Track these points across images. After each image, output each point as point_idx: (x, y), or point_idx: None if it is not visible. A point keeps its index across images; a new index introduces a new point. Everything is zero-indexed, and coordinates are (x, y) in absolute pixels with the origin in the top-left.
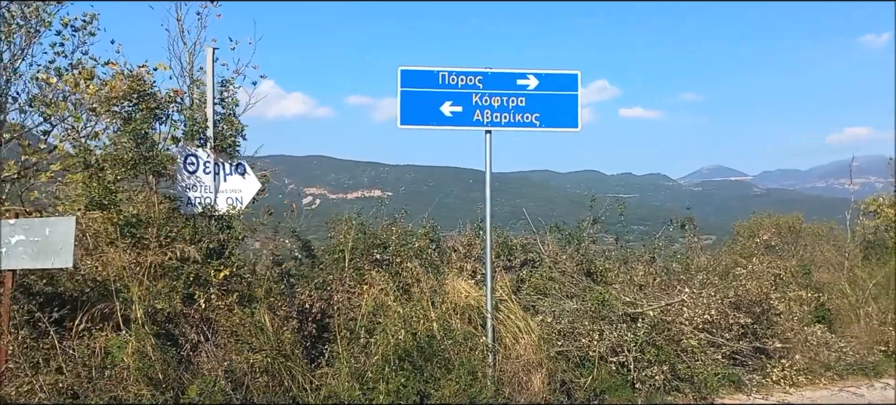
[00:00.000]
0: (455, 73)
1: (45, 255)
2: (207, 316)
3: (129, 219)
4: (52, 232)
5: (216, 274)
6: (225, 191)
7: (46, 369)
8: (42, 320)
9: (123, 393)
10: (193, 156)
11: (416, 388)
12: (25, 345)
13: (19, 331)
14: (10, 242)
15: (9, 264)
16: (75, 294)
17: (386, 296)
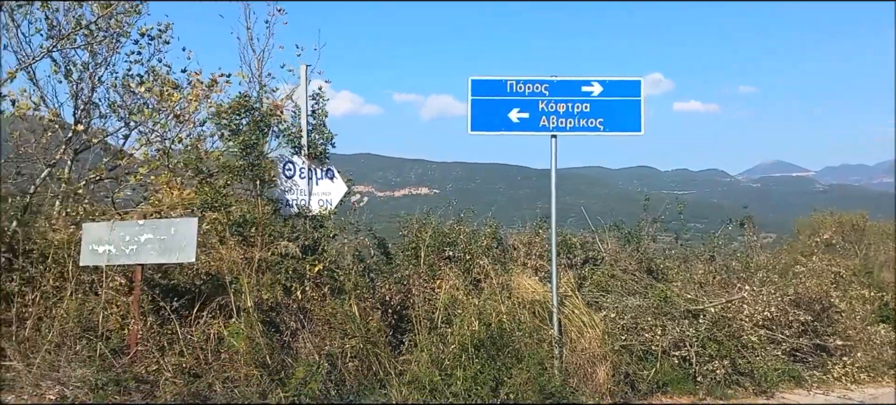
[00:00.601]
0: (522, 82)
1: (171, 251)
2: (304, 306)
3: (238, 219)
4: (176, 231)
5: (311, 268)
6: (317, 193)
7: (170, 351)
8: (165, 309)
9: (235, 373)
10: (291, 162)
11: (490, 375)
12: (152, 331)
13: (147, 319)
14: (140, 240)
15: (139, 259)
16: (189, 286)
17: (457, 291)
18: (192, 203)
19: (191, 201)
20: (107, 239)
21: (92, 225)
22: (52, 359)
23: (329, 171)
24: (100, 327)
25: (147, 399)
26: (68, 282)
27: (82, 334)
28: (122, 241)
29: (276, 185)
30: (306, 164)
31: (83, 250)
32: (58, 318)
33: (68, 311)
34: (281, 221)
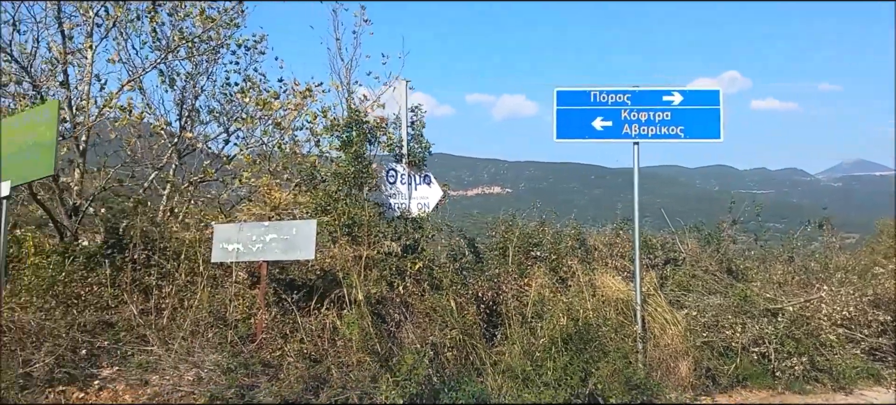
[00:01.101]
0: (605, 92)
1: (292, 250)
2: (406, 300)
3: (347, 221)
4: (297, 232)
5: (412, 265)
6: (416, 198)
7: (292, 339)
8: (286, 301)
9: (349, 359)
10: (393, 169)
11: (579, 367)
12: (276, 320)
13: (271, 310)
14: (265, 240)
15: (264, 256)
16: (304, 281)
17: (544, 289)
18: (307, 206)
19: (306, 204)
20: (235, 238)
21: (222, 226)
22: (188, 345)
23: (426, 177)
24: (228, 317)
25: (272, 382)
26: (199, 276)
27: (213, 323)
28: (249, 240)
29: (381, 190)
30: (406, 171)
31: (214, 248)
32: (191, 309)
33: (201, 303)
34: (385, 223)
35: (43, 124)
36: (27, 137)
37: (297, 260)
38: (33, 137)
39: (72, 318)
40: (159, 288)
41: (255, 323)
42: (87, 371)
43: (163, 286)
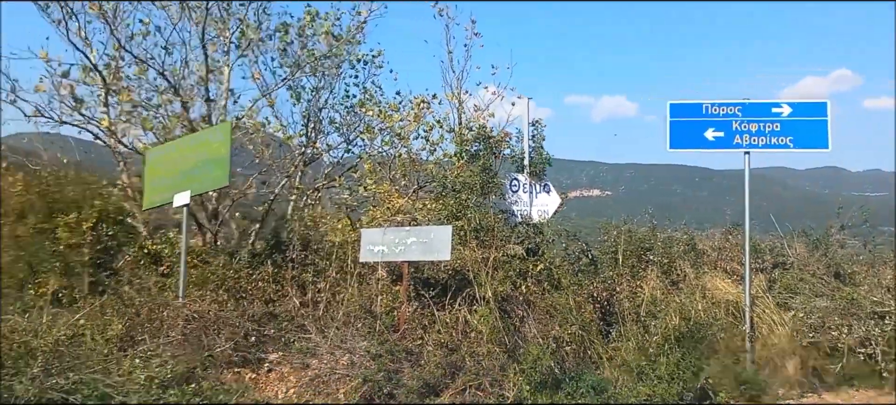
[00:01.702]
0: (717, 105)
1: (431, 252)
2: (528, 298)
3: (476, 226)
4: (435, 236)
5: (534, 267)
6: (536, 205)
7: (431, 330)
8: (424, 296)
9: (480, 349)
10: (516, 179)
11: (690, 363)
12: (416, 313)
13: (412, 304)
14: (407, 243)
15: (405, 257)
16: (437, 279)
17: (655, 291)
18: (440, 212)
19: (438, 211)
20: (380, 241)
21: (369, 230)
22: (341, 334)
23: (546, 185)
24: (375, 309)
25: (414, 367)
26: (348, 274)
27: (361, 315)
28: (392, 243)
29: (505, 199)
30: (528, 181)
31: (362, 250)
32: (343, 302)
33: (351, 297)
34: (509, 228)
35: (217, 143)
36: (202, 154)
37: (433, 260)
38: (208, 154)
39: (242, 310)
40: (314, 284)
41: (399, 315)
42: (257, 355)
43: (317, 282)
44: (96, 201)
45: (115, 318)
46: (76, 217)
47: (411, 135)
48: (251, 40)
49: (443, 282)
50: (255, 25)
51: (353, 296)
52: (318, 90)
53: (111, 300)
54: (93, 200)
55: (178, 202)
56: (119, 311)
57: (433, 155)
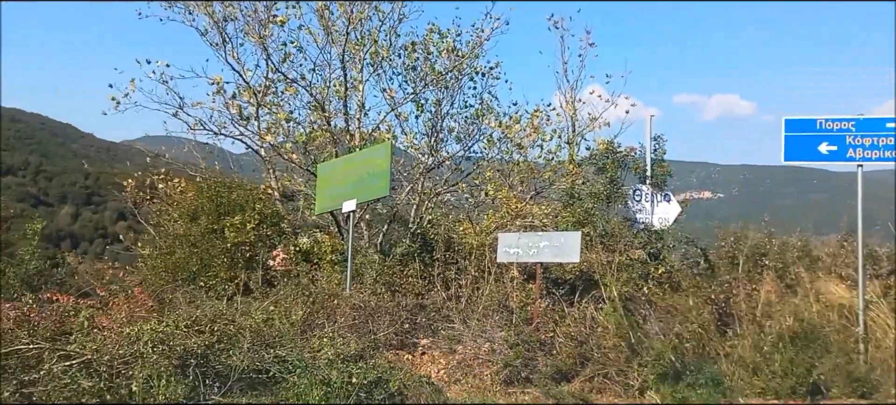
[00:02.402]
0: (831, 120)
1: (561, 254)
2: (650, 299)
3: (602, 232)
4: (565, 241)
5: (655, 270)
6: (657, 213)
7: (561, 324)
8: (555, 294)
9: (606, 343)
10: (639, 189)
11: (803, 360)
12: (548, 308)
13: (544, 300)
14: (539, 246)
15: (538, 259)
16: (564, 279)
17: (770, 294)
18: (568, 219)
19: (565, 218)
20: (515, 244)
21: (505, 234)
22: (482, 324)
23: (667, 195)
24: (510, 304)
25: (547, 355)
26: (486, 272)
27: (498, 309)
28: (526, 246)
29: (628, 207)
30: (650, 191)
31: (499, 251)
32: (482, 297)
33: (490, 292)
34: (632, 234)
35: (379, 158)
36: (366, 168)
37: (562, 262)
38: (371, 168)
39: (397, 301)
40: (456, 280)
41: (532, 310)
42: (411, 340)
43: (459, 279)
44: (256, 205)
45: (297, 306)
46: (241, 218)
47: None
48: (382, 58)
49: (571, 281)
50: (386, 45)
51: (491, 292)
52: (440, 102)
53: (290, 290)
54: (254, 204)
55: (346, 208)
56: (300, 300)
57: (549, 163)
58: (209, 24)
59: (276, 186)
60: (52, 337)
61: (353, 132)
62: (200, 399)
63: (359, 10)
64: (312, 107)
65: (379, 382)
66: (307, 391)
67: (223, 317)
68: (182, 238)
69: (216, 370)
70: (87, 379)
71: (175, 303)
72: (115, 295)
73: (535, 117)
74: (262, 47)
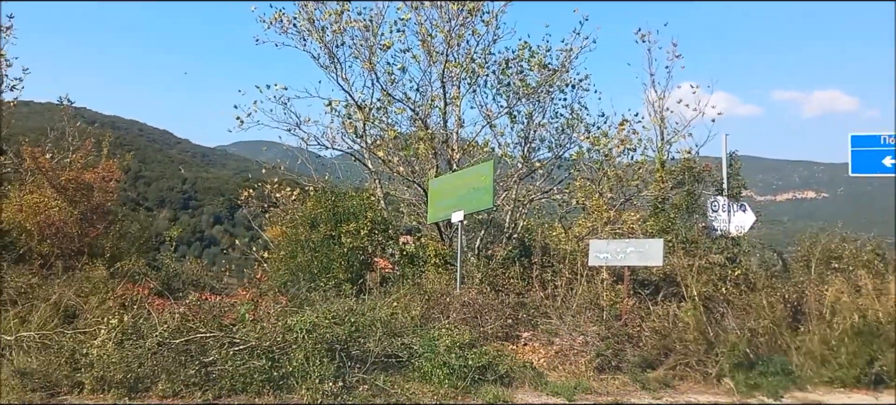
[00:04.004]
0: (893, 136)
1: (646, 259)
2: (727, 298)
3: (683, 239)
4: (649, 246)
5: (732, 272)
6: (734, 222)
7: (647, 320)
8: (640, 293)
9: (686, 336)
10: (715, 200)
11: (867, 353)
12: (634, 306)
13: (631, 299)
14: (627, 251)
15: (625, 263)
16: (649, 280)
17: (841, 294)
18: (652, 227)
19: (652, 226)
20: (605, 249)
21: (595, 241)
22: (576, 320)
23: (742, 205)
24: (600, 303)
25: (635, 347)
26: (578, 274)
27: (590, 306)
28: (614, 251)
29: (706, 216)
30: (726, 202)
31: (590, 256)
32: (576, 296)
33: (582, 292)
34: (710, 240)
35: (484, 175)
36: (472, 183)
37: (647, 266)
38: (477, 183)
39: (500, 299)
40: (552, 281)
41: (621, 307)
42: (514, 333)
43: (555, 280)
44: (368, 213)
45: (415, 303)
46: (355, 225)
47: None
48: (478, 76)
49: (655, 282)
50: (481, 62)
51: (583, 291)
52: (531, 114)
53: (408, 289)
54: (366, 212)
55: (455, 219)
56: (418, 298)
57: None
58: (320, 49)
59: (382, 194)
60: (219, 327)
61: (452, 145)
62: (346, 377)
63: (457, 33)
64: (415, 122)
65: (490, 366)
66: (432, 371)
67: (354, 311)
68: (303, 243)
69: (354, 355)
70: (255, 360)
71: (311, 300)
72: (264, 293)
73: (622, 129)
74: (371, 69)
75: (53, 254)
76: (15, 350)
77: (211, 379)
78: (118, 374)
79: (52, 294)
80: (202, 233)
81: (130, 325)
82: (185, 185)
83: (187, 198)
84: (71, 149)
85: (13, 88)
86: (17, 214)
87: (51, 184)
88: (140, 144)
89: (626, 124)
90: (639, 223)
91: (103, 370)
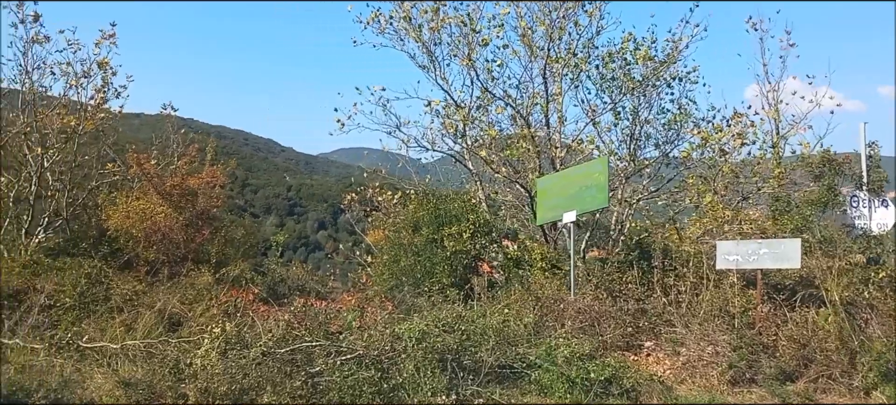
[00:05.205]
0: None
1: (781, 260)
2: (871, 303)
3: (820, 238)
4: (784, 247)
5: (875, 274)
6: (875, 219)
7: (783, 327)
8: (775, 299)
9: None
10: (855, 196)
11: None
12: (769, 313)
13: (765, 304)
14: (759, 252)
15: (758, 265)
16: (783, 284)
17: None
18: (784, 227)
19: (783, 225)
20: (734, 251)
21: (724, 242)
22: (704, 329)
23: (884, 201)
24: (730, 309)
25: (770, 358)
26: (704, 278)
27: (718, 313)
28: (745, 253)
29: (846, 213)
30: (867, 197)
31: (718, 258)
32: (703, 302)
33: (711, 297)
34: (850, 240)
35: (596, 172)
36: (584, 181)
37: (781, 268)
38: (589, 181)
39: (619, 306)
40: (675, 286)
41: (754, 314)
42: (635, 342)
43: (677, 284)
44: (470, 215)
45: (528, 309)
46: (457, 228)
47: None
48: (581, 70)
49: (790, 286)
50: (584, 57)
51: (711, 297)
52: (637, 109)
53: (519, 295)
54: (468, 214)
55: (567, 219)
56: (529, 304)
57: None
58: (418, 48)
59: (483, 196)
60: (325, 335)
61: (556, 144)
62: (459, 390)
63: (559, 25)
64: (516, 121)
65: (614, 379)
66: (551, 385)
67: (463, 318)
68: (406, 247)
69: (465, 365)
70: (364, 370)
71: (418, 307)
72: (371, 299)
73: (737, 123)
74: (470, 65)
75: (159, 260)
76: (120, 359)
77: (318, 390)
78: (222, 386)
79: (157, 301)
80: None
81: (234, 334)
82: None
83: (292, 204)
84: (175, 155)
85: (118, 96)
86: (124, 221)
87: (156, 190)
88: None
89: (741, 117)
90: (767, 222)
91: (207, 381)
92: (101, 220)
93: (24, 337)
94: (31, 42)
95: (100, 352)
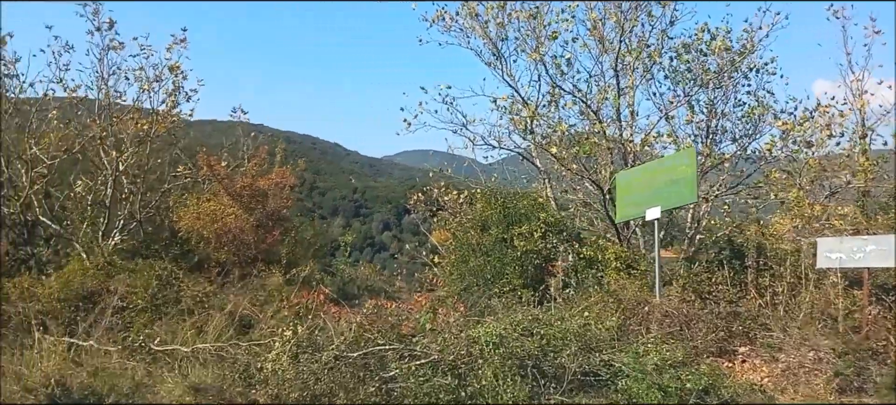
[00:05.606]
0: None
1: (891, 258)
2: None
3: None
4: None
5: None
6: None
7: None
8: (884, 300)
9: None
10: None
11: None
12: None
13: (873, 306)
14: (866, 250)
15: (865, 264)
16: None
17: None
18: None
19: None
20: (837, 249)
21: (825, 239)
22: (803, 333)
23: None
24: (832, 312)
25: (880, 365)
26: (802, 278)
27: (819, 316)
28: (850, 251)
29: None
30: None
31: (819, 257)
32: (802, 304)
33: (810, 299)
34: None
35: (683, 165)
36: (669, 175)
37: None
38: (675, 175)
39: (709, 309)
40: (771, 287)
41: (860, 317)
42: (729, 348)
43: (773, 285)
44: (541, 214)
45: (611, 313)
46: (527, 227)
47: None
48: (654, 62)
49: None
50: (657, 48)
51: (812, 298)
52: (713, 102)
53: (600, 297)
54: (538, 213)
55: (650, 216)
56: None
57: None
58: (484, 45)
59: (552, 194)
60: (398, 338)
61: (627, 138)
62: (541, 398)
63: (631, 18)
64: (587, 115)
65: (711, 388)
66: (642, 394)
67: (540, 321)
68: (475, 247)
69: (546, 372)
70: (440, 377)
71: (492, 308)
72: (443, 301)
73: (824, 113)
74: (538, 59)
75: (230, 261)
76: (191, 362)
77: (392, 397)
78: (294, 392)
79: (228, 302)
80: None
81: (306, 337)
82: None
83: (358, 206)
84: (246, 157)
85: (188, 99)
86: (195, 222)
87: (226, 191)
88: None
89: (828, 108)
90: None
91: (278, 387)
92: (173, 222)
93: (99, 339)
94: (106, 48)
95: (171, 356)
